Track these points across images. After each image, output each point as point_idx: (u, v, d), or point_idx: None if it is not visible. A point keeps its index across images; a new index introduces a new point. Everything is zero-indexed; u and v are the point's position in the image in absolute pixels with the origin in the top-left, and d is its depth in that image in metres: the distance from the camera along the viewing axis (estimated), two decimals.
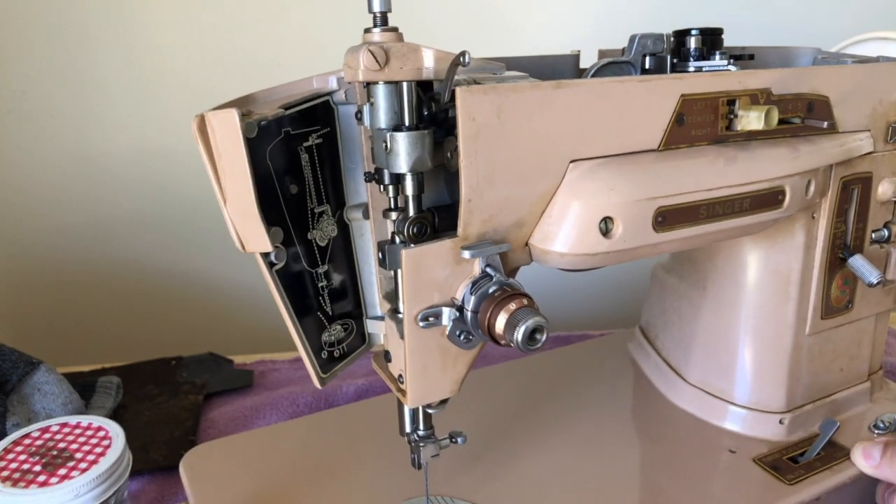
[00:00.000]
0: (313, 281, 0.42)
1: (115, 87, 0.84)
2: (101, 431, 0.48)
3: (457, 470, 0.51)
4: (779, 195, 0.45)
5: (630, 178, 0.38)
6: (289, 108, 0.38)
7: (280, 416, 0.65)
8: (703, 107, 0.41)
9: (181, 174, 0.88)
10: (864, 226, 0.54)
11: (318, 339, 0.43)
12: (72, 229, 0.88)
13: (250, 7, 0.84)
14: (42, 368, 0.61)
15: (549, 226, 0.38)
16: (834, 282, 0.54)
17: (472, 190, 0.35)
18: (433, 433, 0.44)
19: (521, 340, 0.34)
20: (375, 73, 0.35)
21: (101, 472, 0.44)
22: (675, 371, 0.61)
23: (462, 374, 0.40)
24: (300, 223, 0.40)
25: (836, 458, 0.52)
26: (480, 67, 0.39)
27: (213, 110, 0.35)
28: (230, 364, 0.76)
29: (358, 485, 0.51)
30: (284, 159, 0.38)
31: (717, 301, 0.56)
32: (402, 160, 0.35)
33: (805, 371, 0.55)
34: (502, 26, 0.90)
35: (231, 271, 0.94)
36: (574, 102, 0.37)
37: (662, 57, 0.48)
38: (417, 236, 0.37)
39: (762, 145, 0.44)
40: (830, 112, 0.48)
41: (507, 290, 0.35)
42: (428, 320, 0.37)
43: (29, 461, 0.45)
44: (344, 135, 0.42)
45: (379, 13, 0.35)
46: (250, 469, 0.53)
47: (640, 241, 0.39)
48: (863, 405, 0.59)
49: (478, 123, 0.34)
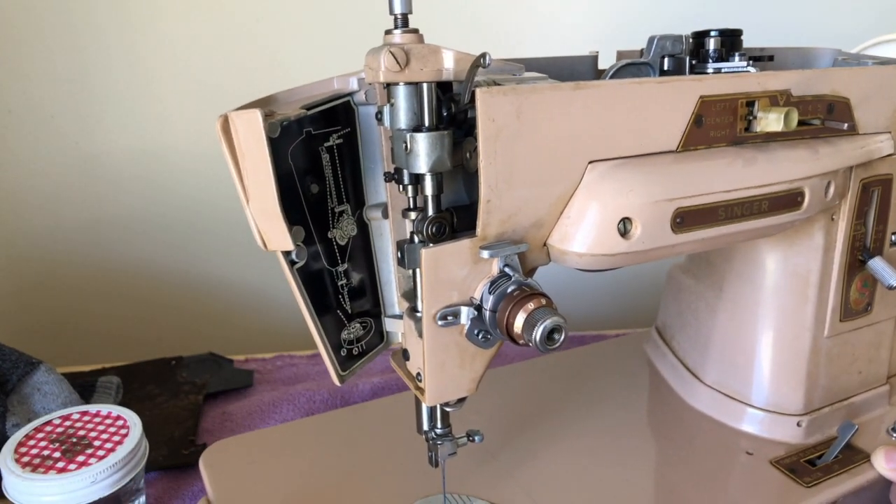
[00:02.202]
0: (333, 279, 0.42)
1: (115, 87, 0.85)
2: (120, 420, 0.49)
3: (473, 468, 0.52)
4: (798, 197, 0.44)
5: (649, 179, 0.38)
6: (310, 108, 0.39)
7: (297, 411, 0.66)
8: (721, 108, 0.41)
9: (181, 174, 0.89)
10: (884, 228, 0.54)
11: (338, 336, 0.43)
12: (72, 229, 0.89)
13: (250, 7, 0.85)
14: (42, 368, 0.61)
15: (567, 226, 0.38)
16: (853, 284, 0.54)
17: (491, 190, 0.35)
18: (450, 431, 0.45)
19: (540, 340, 0.34)
20: (396, 74, 0.35)
21: (118, 460, 0.45)
22: (692, 372, 0.61)
23: (480, 372, 0.40)
24: (321, 222, 0.41)
25: (853, 462, 0.52)
26: (500, 68, 0.39)
27: (236, 110, 0.35)
28: (230, 364, 0.76)
29: (375, 482, 0.51)
30: (306, 159, 0.39)
31: (733, 302, 0.56)
32: (422, 160, 0.36)
33: (823, 373, 0.55)
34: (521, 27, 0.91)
35: (231, 271, 0.94)
36: (593, 103, 0.37)
37: (681, 58, 0.48)
38: (436, 236, 0.37)
39: (781, 147, 0.44)
40: (851, 114, 0.47)
41: (526, 290, 0.36)
42: (446, 319, 0.37)
43: (49, 448, 0.46)
44: (364, 135, 0.42)
45: (400, 15, 0.35)
46: (269, 466, 0.53)
47: (659, 243, 0.39)
48: (881, 408, 0.58)
49: (497, 124, 0.34)
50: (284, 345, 0.83)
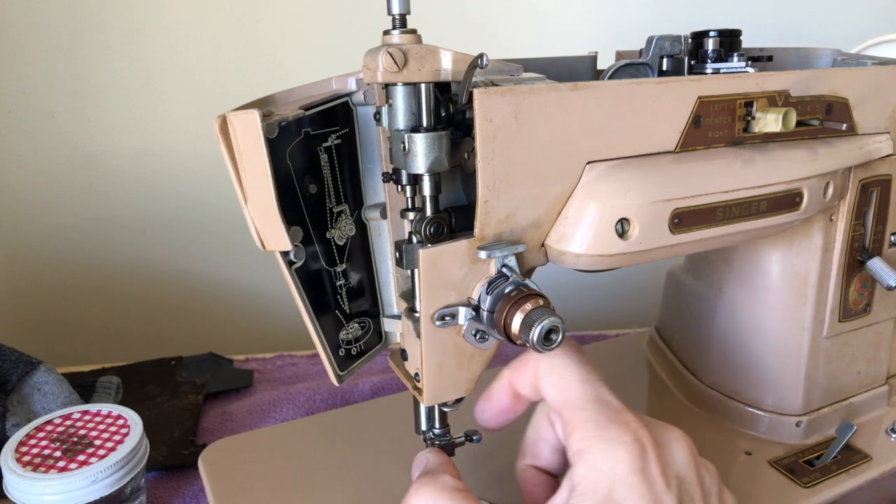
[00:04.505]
0: (331, 280, 0.42)
1: (115, 87, 0.85)
2: (121, 420, 0.49)
3: (472, 468, 0.52)
4: (796, 197, 0.44)
5: (647, 179, 0.39)
6: (308, 108, 0.39)
7: (297, 410, 0.66)
8: (720, 109, 0.41)
9: (181, 174, 0.89)
10: (882, 228, 0.54)
11: (336, 337, 0.43)
12: (72, 229, 0.89)
13: (250, 7, 0.85)
14: (42, 368, 0.61)
15: (565, 227, 0.38)
16: (852, 284, 0.54)
17: (489, 191, 0.35)
18: (448, 431, 0.45)
19: (537, 341, 0.34)
20: (394, 74, 0.35)
21: (118, 459, 0.45)
22: (691, 372, 0.61)
23: (477, 373, 0.41)
24: (319, 222, 0.41)
25: (852, 462, 0.52)
26: (498, 69, 0.39)
27: (234, 111, 0.35)
28: (230, 364, 0.76)
29: (374, 481, 0.51)
30: (304, 159, 0.39)
31: (732, 303, 0.56)
32: (420, 161, 0.36)
33: (822, 374, 0.55)
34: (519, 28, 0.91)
35: (231, 271, 0.94)
36: (591, 104, 0.37)
37: (680, 58, 0.48)
38: (434, 236, 0.37)
39: (780, 147, 0.44)
40: (850, 114, 0.47)
41: (524, 291, 0.36)
42: (444, 319, 0.37)
43: (50, 447, 0.46)
44: (362, 135, 0.42)
45: (398, 15, 0.36)
46: (268, 465, 0.53)
47: (657, 243, 0.39)
48: (880, 409, 0.58)
49: (495, 125, 0.34)
50: (284, 344, 0.83)
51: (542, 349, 0.34)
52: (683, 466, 0.36)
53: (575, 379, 0.36)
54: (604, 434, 0.34)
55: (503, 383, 0.41)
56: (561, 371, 0.37)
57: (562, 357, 0.37)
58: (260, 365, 0.77)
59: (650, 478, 0.33)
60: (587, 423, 0.35)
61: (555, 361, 0.37)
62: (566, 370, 0.37)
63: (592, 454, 0.34)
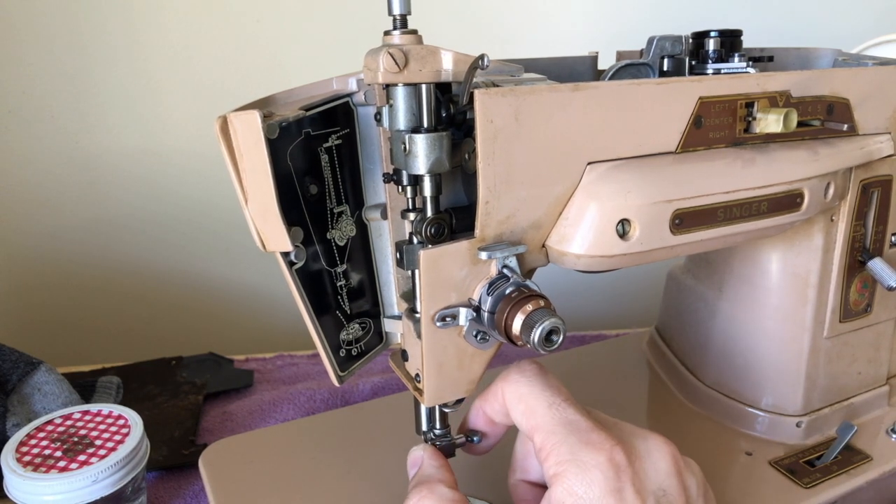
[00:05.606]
0: (332, 280, 0.42)
1: (115, 86, 0.85)
2: (121, 420, 0.49)
3: (472, 468, 0.52)
4: (797, 198, 0.44)
5: (647, 180, 0.39)
6: (309, 109, 0.39)
7: (297, 410, 0.66)
8: (721, 109, 0.41)
9: (182, 174, 0.89)
10: (883, 229, 0.54)
11: (337, 337, 0.43)
12: (72, 229, 0.89)
13: (250, 7, 0.85)
14: (42, 368, 0.61)
15: (565, 227, 0.38)
16: (853, 285, 0.54)
17: (490, 191, 0.35)
18: (449, 432, 0.45)
19: (538, 342, 0.34)
20: (394, 75, 0.35)
21: (119, 459, 0.45)
22: (691, 372, 0.61)
23: (478, 373, 0.41)
24: (320, 223, 0.41)
25: (853, 462, 0.52)
26: (498, 69, 0.39)
27: (235, 111, 0.35)
28: (230, 364, 0.76)
29: (374, 481, 0.51)
30: (305, 160, 0.39)
31: (733, 303, 0.56)
32: (421, 161, 0.36)
33: (822, 374, 0.55)
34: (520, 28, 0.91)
35: (231, 271, 0.94)
36: (592, 105, 0.37)
37: (680, 59, 0.48)
38: (435, 237, 0.37)
39: (781, 148, 0.44)
40: (850, 114, 0.47)
41: (524, 292, 0.36)
42: (445, 320, 0.37)
43: (51, 447, 0.46)
44: (363, 136, 0.42)
45: (399, 16, 0.36)
46: (268, 465, 0.53)
47: (657, 244, 0.39)
48: (881, 409, 0.58)
49: (496, 125, 0.34)
50: (284, 344, 0.83)
51: (543, 350, 0.34)
52: (665, 477, 0.36)
53: (541, 405, 0.37)
54: (576, 458, 0.34)
55: (477, 412, 0.42)
56: (527, 399, 0.38)
57: (527, 385, 0.38)
58: (260, 365, 0.77)
59: (626, 498, 0.34)
60: (560, 447, 0.35)
61: (521, 390, 0.38)
62: (531, 397, 0.37)
63: (568, 478, 0.34)
